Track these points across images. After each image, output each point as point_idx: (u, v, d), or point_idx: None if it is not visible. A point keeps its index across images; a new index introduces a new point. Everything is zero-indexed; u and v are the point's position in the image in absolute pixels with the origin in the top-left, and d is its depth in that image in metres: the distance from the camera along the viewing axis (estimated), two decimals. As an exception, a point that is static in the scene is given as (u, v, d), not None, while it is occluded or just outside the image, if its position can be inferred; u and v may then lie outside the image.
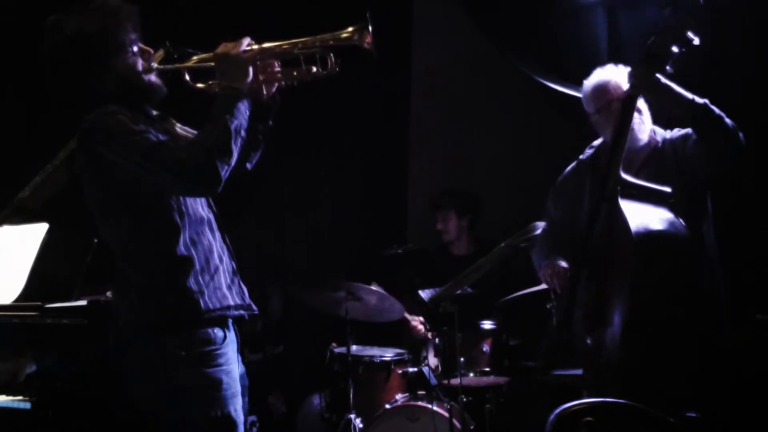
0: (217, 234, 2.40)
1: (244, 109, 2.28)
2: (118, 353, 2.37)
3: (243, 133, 2.26)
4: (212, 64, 2.34)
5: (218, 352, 2.28)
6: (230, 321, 2.37)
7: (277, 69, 2.41)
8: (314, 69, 2.35)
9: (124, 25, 2.30)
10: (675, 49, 2.76)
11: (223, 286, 2.35)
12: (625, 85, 2.97)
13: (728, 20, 3.51)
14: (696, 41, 2.75)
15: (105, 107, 2.25)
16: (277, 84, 2.45)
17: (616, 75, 3.09)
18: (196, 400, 2.25)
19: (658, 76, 2.81)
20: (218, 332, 2.30)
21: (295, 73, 2.38)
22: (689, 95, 2.83)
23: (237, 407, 2.30)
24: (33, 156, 3.38)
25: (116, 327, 2.37)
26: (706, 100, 2.84)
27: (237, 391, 2.32)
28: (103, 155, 2.22)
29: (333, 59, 2.32)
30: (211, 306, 2.29)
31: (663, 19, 2.81)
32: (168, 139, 2.29)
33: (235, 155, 2.23)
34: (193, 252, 2.29)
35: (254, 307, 2.45)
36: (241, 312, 2.39)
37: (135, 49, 2.33)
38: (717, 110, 2.83)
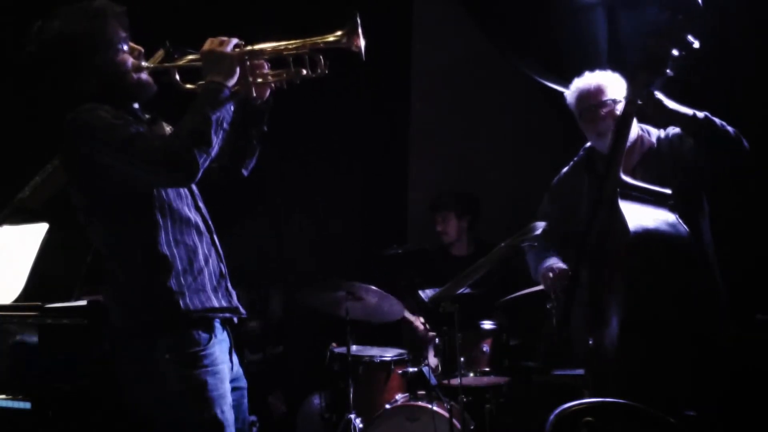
0: (205, 236, 2.39)
1: (228, 104, 2.26)
2: (112, 355, 2.37)
3: (225, 125, 2.25)
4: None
5: (203, 353, 2.27)
6: (217, 322, 2.35)
7: (266, 71, 2.40)
8: (303, 71, 2.34)
9: (111, 23, 2.30)
10: (675, 52, 2.75)
11: (207, 287, 2.33)
12: (610, 93, 3.01)
13: (728, 20, 3.51)
14: (696, 44, 2.74)
15: (85, 104, 2.25)
16: (269, 88, 2.44)
17: (595, 81, 3.09)
18: (181, 403, 2.24)
19: (658, 95, 2.82)
20: (203, 334, 2.29)
21: (284, 75, 2.38)
22: (689, 111, 2.83)
23: (224, 408, 2.28)
24: (33, 156, 3.38)
25: (110, 329, 2.37)
26: (707, 113, 2.83)
27: (225, 392, 2.30)
28: (83, 153, 2.23)
29: (323, 62, 2.32)
30: (191, 307, 2.27)
31: (662, 22, 2.80)
32: (147, 131, 2.29)
33: (215, 145, 2.21)
34: (176, 252, 2.28)
35: (242, 310, 2.43)
36: (227, 315, 2.37)
37: (125, 47, 2.33)
38: (718, 121, 2.83)
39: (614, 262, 2.84)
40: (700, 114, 2.83)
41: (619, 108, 2.99)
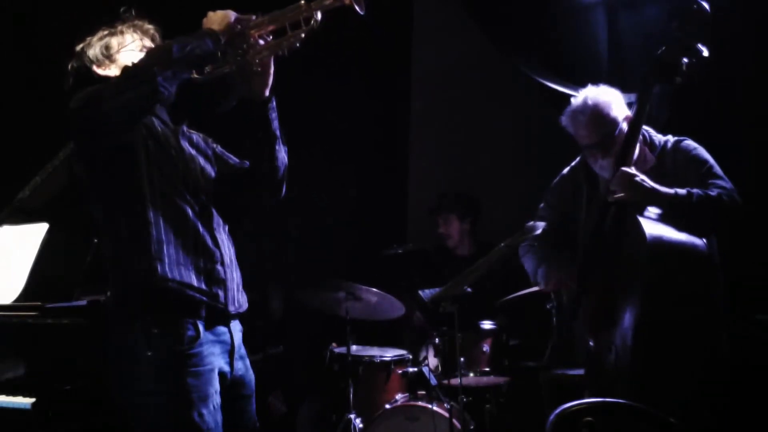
0: (200, 216, 2.36)
1: (209, 42, 2.24)
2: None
3: (200, 53, 2.22)
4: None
5: (187, 352, 2.23)
6: (201, 323, 2.28)
7: (264, 39, 2.35)
8: (301, 33, 2.26)
9: (138, 33, 2.45)
10: (685, 60, 2.76)
11: (189, 265, 2.29)
12: (606, 124, 2.96)
13: (728, 20, 3.51)
14: (705, 52, 2.75)
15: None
16: (269, 82, 2.41)
17: (587, 115, 3.00)
18: (157, 402, 2.21)
19: (642, 180, 2.81)
20: (188, 332, 2.24)
21: (283, 41, 2.31)
22: (670, 191, 2.82)
23: (203, 411, 2.22)
24: (33, 156, 3.38)
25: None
26: (689, 189, 2.81)
27: (206, 395, 2.24)
28: (78, 122, 2.23)
29: (316, 17, 2.23)
30: (169, 275, 2.24)
31: (671, 31, 2.78)
32: None
33: (181, 68, 2.20)
34: (162, 223, 2.27)
35: (221, 298, 2.34)
36: (203, 298, 2.29)
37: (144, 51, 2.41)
38: (696, 195, 2.79)
39: (627, 263, 2.83)
40: (681, 191, 2.81)
41: (619, 139, 2.94)
